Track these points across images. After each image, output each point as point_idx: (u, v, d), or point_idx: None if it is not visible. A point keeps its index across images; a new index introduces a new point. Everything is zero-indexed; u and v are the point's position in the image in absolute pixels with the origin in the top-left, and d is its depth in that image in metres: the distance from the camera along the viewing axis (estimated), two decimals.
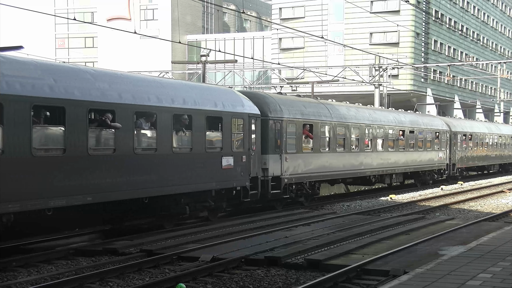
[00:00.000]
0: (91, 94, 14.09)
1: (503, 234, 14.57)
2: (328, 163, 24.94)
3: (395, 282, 9.47)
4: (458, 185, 36.20)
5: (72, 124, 13.43)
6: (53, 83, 13.27)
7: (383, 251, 13.31)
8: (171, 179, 16.36)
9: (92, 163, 14.09)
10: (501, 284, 9.10)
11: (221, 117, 18.35)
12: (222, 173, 18.36)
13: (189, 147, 17.24)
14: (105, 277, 11.51)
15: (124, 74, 16.86)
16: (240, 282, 11.32)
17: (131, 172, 15.09)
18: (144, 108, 15.58)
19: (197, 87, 19.04)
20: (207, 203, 18.20)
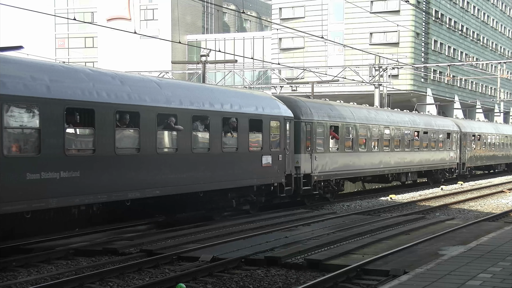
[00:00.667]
0: (159, 100, 16.21)
1: (503, 234, 14.57)
2: (352, 162, 26.81)
3: (395, 282, 9.47)
4: (458, 185, 36.21)
5: (145, 127, 15.56)
6: (130, 91, 15.45)
7: (383, 251, 13.30)
8: (221, 175, 18.38)
9: (159, 161, 16.15)
10: (501, 284, 9.10)
11: (261, 119, 20.27)
12: (262, 171, 20.33)
13: (235, 147, 19.15)
14: (105, 277, 11.51)
15: (183, 83, 20.07)
16: (240, 282, 11.32)
17: (190, 169, 17.18)
18: (199, 112, 17.63)
19: (241, 93, 21.49)
20: (249, 198, 20.23)
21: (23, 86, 12.61)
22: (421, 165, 33.99)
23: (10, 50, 23.76)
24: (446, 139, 37.49)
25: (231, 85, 26.28)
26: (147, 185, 15.61)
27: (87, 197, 14.07)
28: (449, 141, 37.95)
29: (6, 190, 12.14)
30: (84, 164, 13.99)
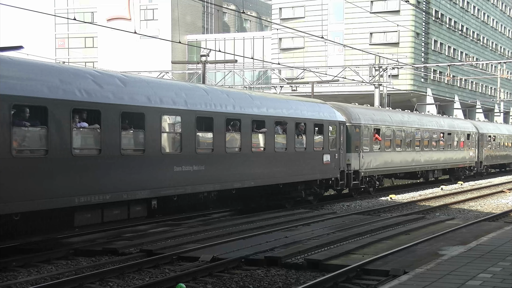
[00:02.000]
0: (253, 109, 20.11)
1: (503, 234, 14.57)
2: (390, 160, 30.62)
3: (395, 282, 9.47)
4: (458, 185, 36.25)
5: (245, 130, 19.36)
6: (234, 103, 19.36)
7: (383, 251, 13.30)
8: (294, 171, 22.12)
9: (253, 158, 19.99)
10: (501, 284, 9.10)
11: (323, 124, 24.08)
12: (323, 167, 24.08)
13: (304, 147, 22.92)
14: (105, 277, 11.51)
15: (268, 95, 25.52)
16: (240, 282, 11.32)
17: (273, 165, 20.99)
18: (279, 119, 21.39)
19: (307, 102, 25.12)
20: (313, 190, 24.00)
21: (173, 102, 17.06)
22: (446, 163, 37.77)
23: (10, 50, 23.74)
24: (466, 140, 41.14)
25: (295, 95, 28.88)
26: (246, 177, 19.56)
27: (208, 185, 18.10)
28: (469, 142, 41.63)
29: (163, 180, 16.31)
30: (207, 160, 17.92)
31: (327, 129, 24.28)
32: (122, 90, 15.25)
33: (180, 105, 16.98)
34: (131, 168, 15.25)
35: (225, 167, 18.66)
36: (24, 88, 12.59)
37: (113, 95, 14.84)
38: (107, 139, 14.51)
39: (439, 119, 39.26)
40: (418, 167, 33.94)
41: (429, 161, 35.16)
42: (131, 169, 15.23)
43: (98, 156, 14.39)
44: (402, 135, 31.92)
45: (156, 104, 16.06)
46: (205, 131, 18.07)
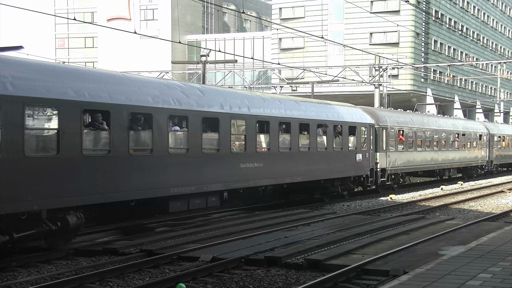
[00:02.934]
0: (300, 114, 22.89)
1: (503, 234, 14.57)
2: (412, 159, 33.18)
3: (395, 282, 9.47)
4: (458, 185, 36.27)
5: (273, 132, 21.23)
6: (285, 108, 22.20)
7: (383, 251, 13.31)
8: (333, 168, 24.88)
9: (299, 156, 22.56)
10: (501, 284, 9.10)
11: (356, 126, 26.76)
12: (356, 165, 26.72)
13: (341, 147, 25.52)
14: (105, 277, 11.52)
15: (312, 100, 27.17)
16: (240, 282, 11.32)
17: (316, 163, 23.68)
18: (321, 122, 24.23)
19: (342, 106, 27.65)
20: (347, 185, 26.61)
21: None
22: (460, 162, 40.49)
23: (10, 50, 23.73)
24: (478, 140, 43.95)
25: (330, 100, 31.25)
26: (294, 174, 22.27)
27: (266, 180, 20.84)
28: (481, 142, 44.37)
29: (232, 175, 19.02)
30: (264, 158, 20.59)
31: (359, 131, 27.07)
32: (202, 98, 18.12)
33: (244, 111, 19.76)
34: (209, 165, 18.01)
35: (279, 165, 21.48)
36: (137, 99, 15.67)
37: (196, 103, 17.70)
38: (192, 140, 17.30)
39: (454, 121, 42.73)
40: (436, 165, 36.60)
41: (446, 160, 37.77)
42: (209, 166, 18.00)
43: (186, 154, 17.21)
44: (423, 136, 34.66)
45: (227, 110, 18.86)
46: (264, 133, 21.03)
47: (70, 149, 13.45)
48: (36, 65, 13.98)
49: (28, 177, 12.59)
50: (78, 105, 13.68)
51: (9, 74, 12.28)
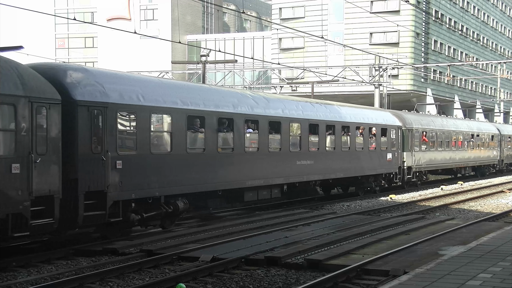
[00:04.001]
0: (326, 116, 24.94)
1: (503, 234, 14.58)
2: (434, 158, 36.21)
3: (395, 282, 9.48)
4: (458, 185, 36.29)
5: (321, 134, 24.33)
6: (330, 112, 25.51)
7: (383, 251, 13.31)
8: (368, 166, 27.97)
9: (341, 155, 25.76)
10: (501, 284, 9.10)
11: (387, 128, 29.97)
12: (387, 163, 29.81)
13: (374, 147, 28.64)
14: (105, 277, 11.52)
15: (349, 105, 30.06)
16: (240, 282, 11.32)
17: (354, 161, 26.77)
18: (359, 124, 27.36)
19: (375, 110, 31.92)
20: (379, 181, 29.57)
21: None
22: (475, 161, 43.72)
23: (10, 50, 23.74)
24: (491, 141, 47.07)
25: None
26: (338, 170, 25.46)
27: (316, 175, 24.03)
28: (493, 142, 47.50)
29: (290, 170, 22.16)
30: (315, 156, 23.76)
31: (389, 132, 30.13)
32: (268, 105, 21.43)
33: (300, 115, 22.97)
34: (274, 162, 21.23)
35: (325, 162, 24.50)
36: (223, 107, 18.95)
37: (264, 110, 20.96)
38: (261, 141, 20.62)
39: (469, 122, 46.48)
40: (454, 164, 39.97)
41: (462, 159, 41.00)
42: (273, 162, 21.21)
43: (256, 152, 20.39)
44: (443, 137, 37.82)
45: (286, 115, 22.11)
46: (314, 134, 23.84)
47: (178, 148, 16.85)
48: (156, 81, 18.66)
49: (152, 170, 15.94)
50: (184, 112, 17.16)
51: (140, 89, 16.00)
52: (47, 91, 13.13)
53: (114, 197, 14.66)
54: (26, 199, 12.39)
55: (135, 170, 15.30)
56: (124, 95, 15.29)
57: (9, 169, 12.12)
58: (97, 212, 14.28)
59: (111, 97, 14.84)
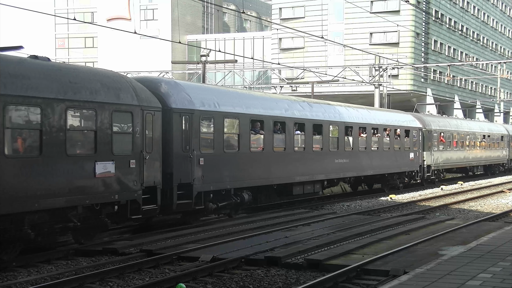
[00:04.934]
0: (359, 119, 27.69)
1: (503, 234, 14.57)
2: (450, 157, 38.80)
3: (395, 282, 9.47)
4: (458, 185, 36.29)
5: (355, 135, 27.08)
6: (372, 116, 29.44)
7: (383, 251, 13.30)
8: (393, 164, 30.77)
9: (372, 154, 28.52)
10: (501, 284, 9.10)
11: (409, 129, 32.64)
12: (409, 162, 32.47)
13: (399, 147, 31.34)
14: (105, 277, 11.52)
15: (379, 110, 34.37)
16: (240, 282, 11.32)
17: (383, 160, 29.59)
18: (386, 126, 30.15)
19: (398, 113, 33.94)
20: (402, 179, 32.08)
21: None
22: (486, 160, 46.37)
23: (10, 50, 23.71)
24: (500, 141, 49.65)
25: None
26: (368, 168, 28.14)
27: (350, 173, 26.81)
28: (502, 142, 49.95)
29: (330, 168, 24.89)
30: (349, 155, 26.40)
31: (411, 133, 32.75)
32: (312, 110, 24.25)
33: (337, 118, 25.71)
34: (317, 160, 23.98)
35: (358, 161, 27.18)
36: (277, 112, 21.85)
37: (309, 114, 23.80)
38: (307, 141, 23.40)
39: (480, 124, 49.47)
40: (467, 163, 42.56)
41: (474, 158, 43.75)
42: (316, 160, 23.96)
43: (303, 151, 23.21)
44: (457, 137, 40.35)
45: (326, 118, 24.93)
46: (349, 136, 26.60)
47: (244, 147, 19.78)
48: (226, 91, 21.86)
49: (224, 166, 18.78)
50: (248, 117, 20.04)
51: (215, 98, 18.97)
52: (152, 101, 16.08)
53: (198, 189, 17.52)
54: (139, 188, 15.37)
55: (213, 166, 18.17)
56: (205, 103, 18.24)
57: (128, 164, 15.06)
58: (186, 201, 17.11)
59: (196, 104, 17.78)
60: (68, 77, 13.85)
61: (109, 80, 15.05)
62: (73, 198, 13.60)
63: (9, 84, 12.27)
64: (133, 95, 15.35)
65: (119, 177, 14.75)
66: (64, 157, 13.30)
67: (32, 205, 12.56)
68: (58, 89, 13.31)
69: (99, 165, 14.19)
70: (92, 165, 14.04)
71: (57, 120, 13.13)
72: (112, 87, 14.91)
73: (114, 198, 14.66)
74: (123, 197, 14.86)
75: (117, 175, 14.69)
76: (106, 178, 14.38)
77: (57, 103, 13.14)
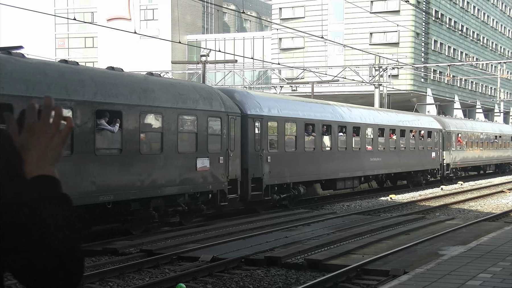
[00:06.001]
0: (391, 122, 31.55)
1: (503, 234, 14.57)
2: (466, 156, 42.02)
3: (395, 282, 9.48)
4: (458, 185, 36.28)
5: (386, 135, 30.44)
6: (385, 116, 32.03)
7: (383, 251, 13.30)
8: (417, 162, 33.96)
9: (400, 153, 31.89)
10: (501, 284, 9.10)
11: (431, 131, 35.79)
12: (431, 161, 35.81)
13: (423, 147, 34.64)
14: (105, 277, 11.52)
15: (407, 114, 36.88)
16: (240, 282, 11.31)
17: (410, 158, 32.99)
18: (412, 128, 33.61)
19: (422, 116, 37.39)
20: (426, 176, 35.16)
21: None
22: (498, 159, 49.90)
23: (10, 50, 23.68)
24: (511, 141, 52.70)
25: None
26: (397, 166, 31.67)
27: (383, 170, 30.17)
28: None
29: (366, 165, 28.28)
30: (382, 154, 29.59)
31: (433, 135, 35.99)
32: (351, 114, 27.82)
33: (372, 121, 29.30)
34: (355, 158, 27.35)
35: (389, 159, 30.48)
36: (325, 117, 25.37)
37: (349, 117, 27.30)
38: (348, 142, 26.86)
39: (493, 125, 53.55)
40: (481, 162, 45.77)
41: (487, 157, 46.88)
42: (355, 159, 27.32)
43: (345, 151, 26.42)
44: (473, 138, 43.54)
45: (363, 121, 28.55)
46: (381, 137, 30.01)
47: (300, 147, 23.33)
48: (286, 98, 26.52)
49: (285, 163, 22.18)
50: (303, 121, 23.68)
51: (278, 104, 22.78)
52: (234, 108, 19.88)
53: (266, 182, 21.01)
54: (225, 180, 19.01)
55: (277, 163, 21.58)
56: (271, 109, 21.82)
57: (218, 160, 18.75)
58: (257, 192, 20.58)
59: (264, 111, 21.37)
60: (178, 90, 17.90)
61: (204, 91, 19.16)
62: (183, 187, 17.31)
63: (143, 97, 16.26)
64: (221, 103, 19.21)
65: (212, 171, 18.46)
66: (176, 154, 17.13)
67: (156, 192, 16.30)
68: (172, 100, 17.23)
69: (199, 161, 17.86)
70: (194, 161, 17.73)
71: (172, 124, 17.02)
72: (207, 97, 18.84)
73: (209, 188, 18.32)
74: (215, 187, 18.53)
75: (211, 169, 18.41)
76: (203, 171, 18.12)
77: (173, 111, 17.07)
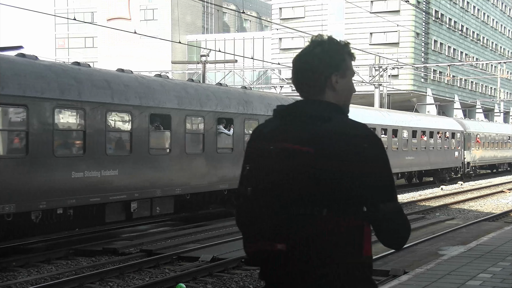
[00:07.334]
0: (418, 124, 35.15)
1: (503, 234, 14.56)
2: (484, 156, 45.23)
3: (395, 282, 9.47)
4: (458, 185, 36.28)
5: (418, 136, 33.96)
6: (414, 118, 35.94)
7: (383, 251, 13.30)
8: (443, 161, 37.19)
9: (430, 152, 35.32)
10: (501, 284, 9.09)
11: (454, 132, 38.83)
12: (454, 159, 38.87)
13: (447, 147, 37.87)
14: (105, 277, 11.51)
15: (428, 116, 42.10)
16: (240, 282, 11.31)
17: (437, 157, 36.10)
18: (439, 129, 37.20)
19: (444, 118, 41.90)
20: (450, 173, 38.41)
21: None
22: (511, 159, 53.29)
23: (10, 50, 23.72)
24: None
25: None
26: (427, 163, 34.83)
27: (415, 167, 33.34)
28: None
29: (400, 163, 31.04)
30: (415, 153, 32.81)
31: (456, 135, 39.32)
32: (390, 117, 31.30)
33: (407, 124, 32.64)
34: (395, 157, 29.07)
35: (421, 158, 33.65)
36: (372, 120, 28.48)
37: (389, 120, 31.06)
38: (388, 142, 29.39)
39: (506, 126, 57.72)
40: (496, 161, 49.21)
41: (502, 157, 50.33)
42: (395, 157, 29.04)
43: None
44: (489, 139, 46.58)
45: (400, 123, 32.02)
46: (414, 137, 32.92)
47: None
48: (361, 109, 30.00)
49: None
50: (379, 126, 27.27)
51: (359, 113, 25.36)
52: None
53: None
54: None
55: None
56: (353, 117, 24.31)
57: None
58: None
59: None
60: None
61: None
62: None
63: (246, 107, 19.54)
64: None
65: None
66: None
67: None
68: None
69: None
70: None
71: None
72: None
73: None
74: None
75: None
76: None
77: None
